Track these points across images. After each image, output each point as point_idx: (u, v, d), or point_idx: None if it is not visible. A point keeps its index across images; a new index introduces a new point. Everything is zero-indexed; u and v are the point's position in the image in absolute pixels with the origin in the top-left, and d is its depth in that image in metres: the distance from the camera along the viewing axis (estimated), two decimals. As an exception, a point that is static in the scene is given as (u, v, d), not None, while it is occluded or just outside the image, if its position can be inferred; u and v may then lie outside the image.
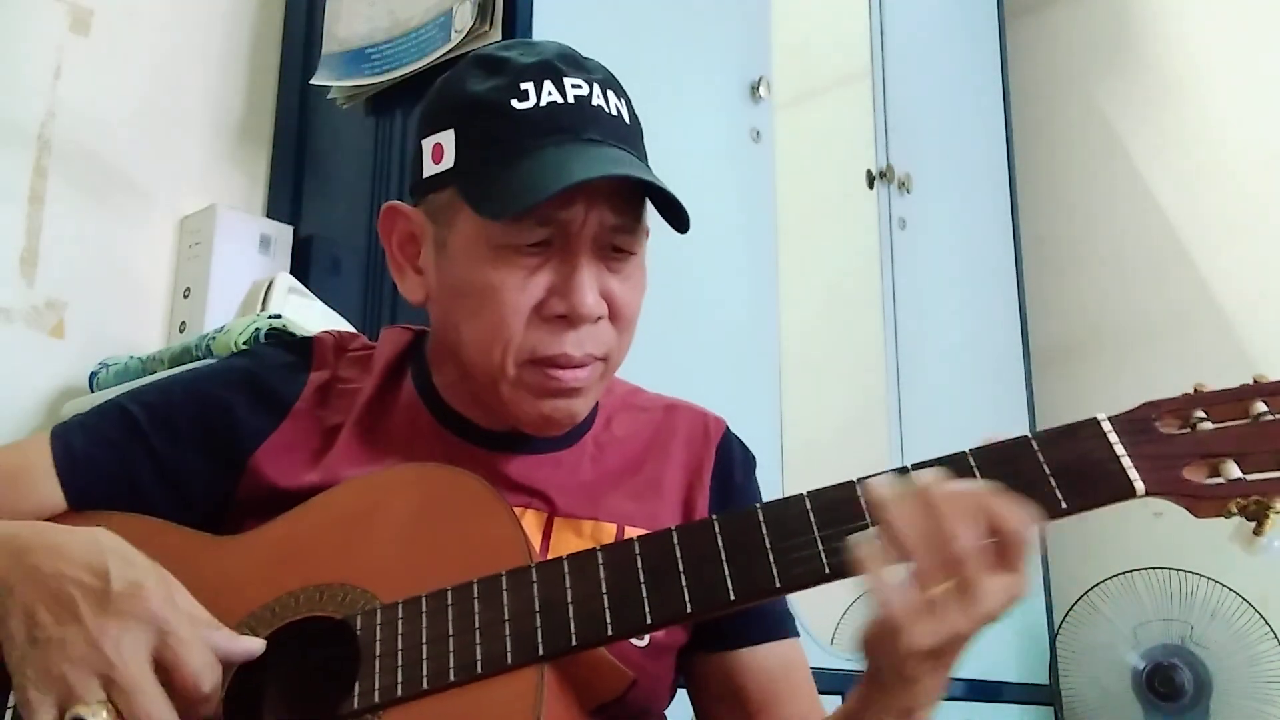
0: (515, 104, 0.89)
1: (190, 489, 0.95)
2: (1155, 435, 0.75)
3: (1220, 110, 2.65)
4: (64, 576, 0.75)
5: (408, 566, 0.82)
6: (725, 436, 1.05)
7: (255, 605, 0.83)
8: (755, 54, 2.13)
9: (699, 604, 0.77)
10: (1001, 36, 2.83)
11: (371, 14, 1.93)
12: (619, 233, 0.91)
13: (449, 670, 0.77)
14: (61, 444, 0.94)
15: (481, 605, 0.78)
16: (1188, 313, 2.60)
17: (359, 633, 0.80)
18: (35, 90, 1.86)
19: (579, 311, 0.88)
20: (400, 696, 0.77)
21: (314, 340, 1.03)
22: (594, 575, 0.79)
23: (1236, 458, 0.74)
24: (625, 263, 0.92)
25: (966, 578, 0.71)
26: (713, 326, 1.96)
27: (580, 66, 0.93)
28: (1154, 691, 2.23)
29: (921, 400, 2.33)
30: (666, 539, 0.79)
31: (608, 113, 0.91)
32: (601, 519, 0.95)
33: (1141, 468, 0.74)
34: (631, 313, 0.94)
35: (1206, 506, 0.74)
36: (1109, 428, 0.76)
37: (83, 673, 0.73)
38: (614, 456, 1.00)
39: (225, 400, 0.96)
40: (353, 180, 1.94)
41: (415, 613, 0.80)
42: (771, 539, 0.77)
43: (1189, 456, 0.75)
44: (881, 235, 2.37)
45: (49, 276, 1.82)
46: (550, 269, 0.89)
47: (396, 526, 0.85)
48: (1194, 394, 0.77)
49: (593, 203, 0.88)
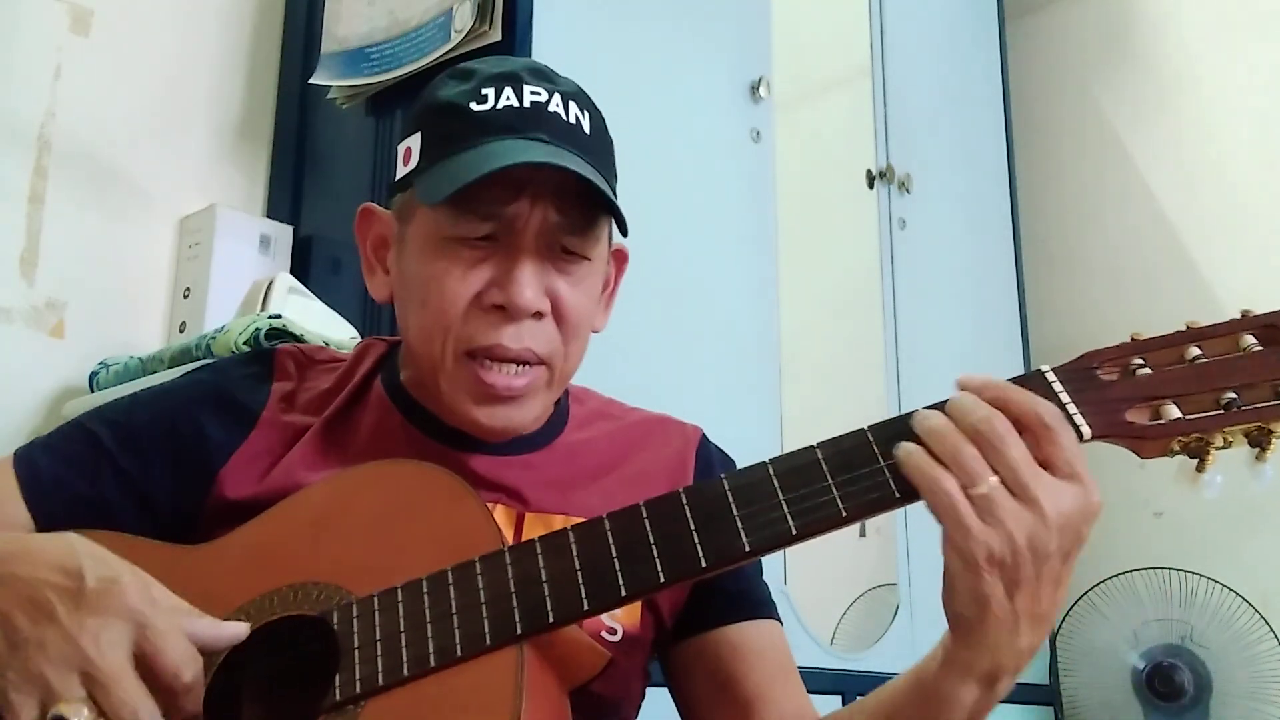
0: (473, 106, 0.91)
1: (159, 505, 0.95)
2: (1098, 383, 0.78)
3: (1220, 110, 2.65)
4: (38, 580, 0.75)
5: (381, 561, 0.83)
6: (703, 441, 1.06)
7: (231, 609, 0.83)
8: (755, 54, 2.13)
9: (671, 573, 0.78)
10: (1001, 36, 2.83)
11: (371, 14, 1.93)
12: (565, 232, 0.91)
13: (429, 655, 0.77)
14: (26, 466, 0.94)
15: (457, 591, 0.79)
16: (1187, 313, 2.55)
17: (336, 627, 0.80)
18: (35, 90, 1.86)
19: (516, 302, 0.89)
20: (381, 685, 0.77)
21: (275, 352, 1.04)
22: (567, 553, 0.79)
23: (1175, 399, 0.76)
24: (576, 265, 0.93)
25: (1014, 475, 0.72)
26: (713, 326, 1.96)
27: (547, 79, 0.95)
28: (1154, 691, 2.23)
29: (921, 400, 2.29)
30: (635, 513, 0.80)
31: (564, 119, 0.92)
32: (573, 514, 0.95)
33: (1087, 413, 0.76)
34: (577, 316, 0.93)
35: (1150, 446, 0.76)
36: (1054, 378, 0.79)
37: (62, 671, 0.72)
38: (587, 458, 1.01)
39: (192, 415, 0.96)
40: (352, 180, 1.94)
41: (391, 603, 0.80)
42: (738, 504, 0.78)
43: (1130, 400, 0.77)
44: (881, 235, 2.37)
45: (49, 276, 1.82)
46: (494, 263, 0.90)
47: (368, 523, 0.85)
48: (1131, 342, 0.80)
49: (538, 199, 0.89)
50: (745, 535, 0.77)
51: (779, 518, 0.77)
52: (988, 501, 0.72)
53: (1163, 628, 2.26)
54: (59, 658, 0.73)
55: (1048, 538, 0.72)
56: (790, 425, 2.02)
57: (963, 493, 0.72)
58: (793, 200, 2.15)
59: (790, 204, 2.13)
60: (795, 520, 0.77)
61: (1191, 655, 2.22)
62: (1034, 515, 0.72)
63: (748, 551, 0.77)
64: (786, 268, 2.09)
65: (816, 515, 0.76)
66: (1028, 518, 0.72)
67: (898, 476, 0.76)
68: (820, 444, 0.79)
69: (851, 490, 0.77)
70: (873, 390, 2.30)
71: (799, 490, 0.77)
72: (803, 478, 0.78)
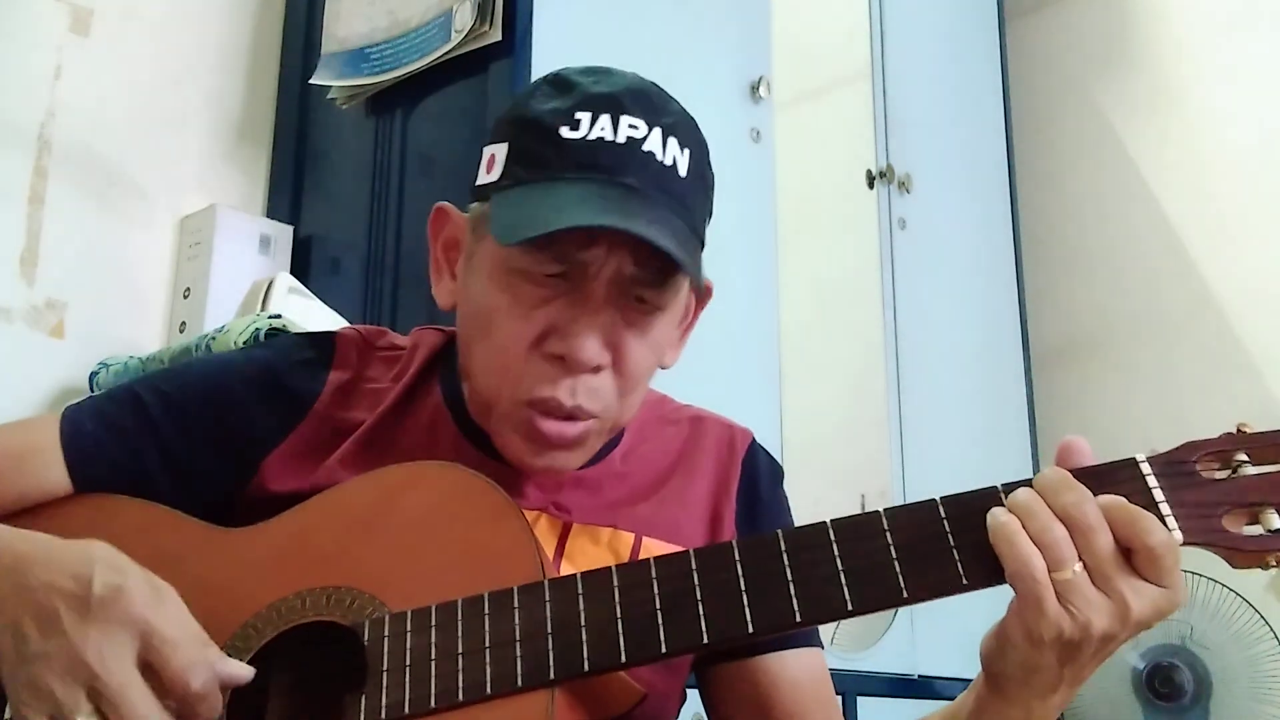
0: (564, 131, 0.85)
1: (197, 482, 0.94)
2: (1196, 479, 0.73)
3: (1220, 110, 2.65)
4: (49, 587, 0.75)
5: (417, 572, 0.81)
6: (751, 449, 1.03)
7: (260, 605, 0.82)
8: (755, 54, 2.13)
9: (716, 636, 0.75)
10: (1001, 36, 2.83)
11: (371, 14, 1.93)
12: (641, 285, 0.86)
13: (457, 690, 0.75)
14: (71, 426, 0.93)
15: (492, 622, 0.77)
16: (1187, 312, 2.59)
17: (366, 643, 0.79)
18: (35, 90, 1.86)
19: (576, 357, 0.84)
20: (407, 714, 0.76)
21: (336, 336, 1.00)
22: (609, 598, 0.76)
23: (1279, 506, 0.71)
24: (648, 317, 0.88)
25: (1099, 565, 0.70)
26: (713, 326, 1.94)
27: (649, 108, 0.88)
28: (1154, 691, 2.23)
29: (921, 400, 2.33)
30: (685, 562, 0.77)
31: (658, 160, 0.86)
32: (620, 527, 0.93)
33: (1180, 515, 0.72)
34: (639, 371, 0.89)
35: (1245, 558, 0.72)
36: (1148, 469, 0.74)
37: (68, 686, 0.72)
38: (640, 472, 0.98)
39: (242, 398, 0.95)
40: (352, 180, 1.94)
41: (424, 625, 0.78)
42: (793, 569, 0.75)
43: (1229, 504, 0.72)
44: (881, 235, 2.36)
45: (49, 276, 1.82)
46: (559, 305, 0.85)
47: (407, 529, 0.83)
48: (1236, 434, 0.75)
49: (614, 247, 0.84)
50: (797, 604, 0.74)
51: (834, 590, 0.73)
52: (1070, 588, 0.70)
53: (1163, 628, 2.25)
54: (65, 672, 0.72)
55: (1120, 631, 0.71)
56: (790, 425, 2.02)
57: (1047, 574, 0.70)
58: (793, 200, 2.15)
59: (790, 204, 2.13)
60: (851, 594, 0.73)
61: (1191, 655, 2.22)
62: (1114, 608, 0.71)
63: (798, 622, 0.74)
64: (786, 268, 2.09)
65: (876, 590, 0.73)
66: (1107, 609, 0.71)
67: (968, 558, 0.73)
68: (886, 511, 0.75)
69: (916, 568, 0.73)
70: (873, 390, 2.30)
71: (859, 560, 0.74)
72: (864, 546, 0.74)
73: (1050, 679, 0.73)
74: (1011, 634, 0.72)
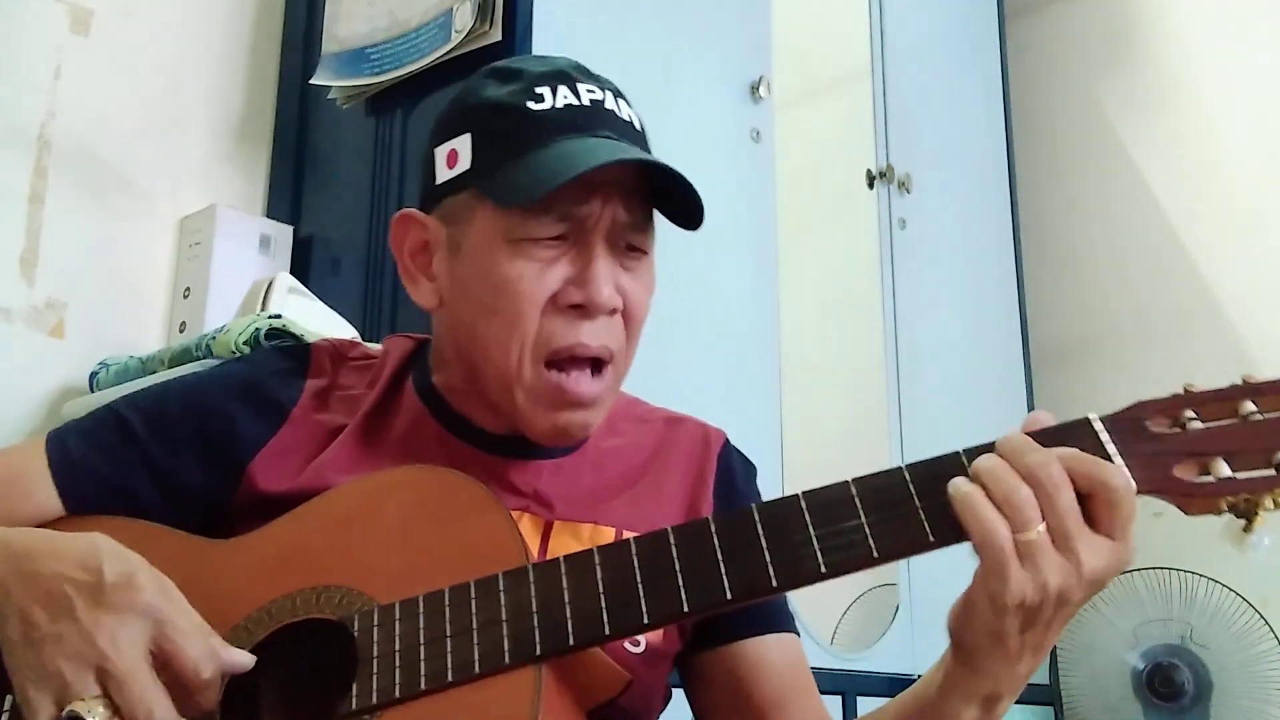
0: (532, 105, 0.90)
1: (187, 496, 0.94)
2: (1146, 434, 0.76)
3: (1220, 110, 2.65)
4: (59, 575, 0.76)
5: (404, 568, 0.82)
6: (725, 447, 1.05)
7: (252, 608, 0.83)
8: (755, 54, 2.13)
9: (696, 603, 0.77)
10: (1001, 36, 2.83)
11: (371, 14, 1.93)
12: (632, 230, 0.92)
13: (446, 670, 0.77)
14: (58, 448, 0.94)
15: (478, 606, 0.78)
16: (1187, 312, 2.60)
17: (356, 634, 0.80)
18: (35, 90, 1.86)
19: (595, 300, 0.89)
20: (398, 697, 0.77)
21: (311, 347, 1.03)
22: (591, 575, 0.79)
23: (1226, 456, 0.74)
24: (639, 261, 0.93)
25: (1062, 524, 0.72)
26: (713, 326, 1.96)
27: (593, 77, 0.95)
28: (1154, 691, 2.23)
29: (921, 400, 2.33)
30: (663, 538, 0.79)
31: (620, 117, 0.93)
32: (600, 523, 0.95)
33: (1133, 466, 0.75)
34: (642, 313, 0.94)
35: (1198, 504, 0.75)
36: (1100, 427, 0.77)
37: (78, 667, 0.73)
38: (615, 464, 1.00)
39: (223, 408, 0.96)
40: (353, 180, 1.94)
41: (412, 613, 0.80)
42: (767, 537, 0.77)
43: (1180, 455, 0.75)
44: (881, 235, 2.37)
45: (49, 276, 1.82)
46: (567, 261, 0.89)
47: (393, 528, 0.85)
48: (1184, 394, 0.78)
49: (608, 198, 0.89)
50: (773, 570, 0.76)
51: (809, 554, 0.76)
52: (1032, 548, 0.72)
53: (1163, 628, 2.26)
54: (75, 654, 0.73)
55: (1077, 588, 0.72)
56: (790, 425, 2.02)
57: (1011, 539, 0.72)
58: (793, 200, 2.15)
59: (790, 204, 2.13)
60: (825, 557, 0.76)
61: (1191, 655, 2.22)
62: (1071, 567, 0.72)
63: (774, 587, 0.76)
64: (786, 268, 2.09)
65: (848, 554, 0.76)
66: (1064, 569, 0.72)
67: (934, 519, 0.75)
68: (855, 480, 0.78)
69: (885, 530, 0.76)
70: (873, 390, 2.30)
71: (831, 526, 0.77)
72: (835, 513, 0.77)
73: (1015, 645, 0.75)
74: (977, 601, 0.74)
